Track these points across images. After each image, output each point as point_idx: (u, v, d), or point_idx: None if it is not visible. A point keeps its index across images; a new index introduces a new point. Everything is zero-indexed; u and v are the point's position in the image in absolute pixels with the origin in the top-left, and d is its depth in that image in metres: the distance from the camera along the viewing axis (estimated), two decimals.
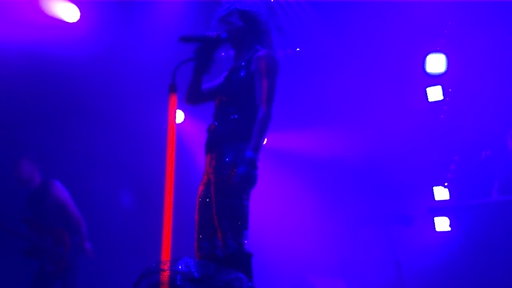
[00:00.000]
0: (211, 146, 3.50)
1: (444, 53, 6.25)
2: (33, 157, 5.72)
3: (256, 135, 3.35)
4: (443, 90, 6.26)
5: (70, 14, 6.41)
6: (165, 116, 3.23)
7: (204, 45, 3.51)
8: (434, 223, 6.03)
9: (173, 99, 3.26)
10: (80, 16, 6.39)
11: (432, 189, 6.10)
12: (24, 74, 6.19)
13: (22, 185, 5.66)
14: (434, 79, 6.24)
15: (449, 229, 5.98)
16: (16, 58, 6.03)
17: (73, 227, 5.58)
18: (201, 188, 3.53)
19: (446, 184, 6.10)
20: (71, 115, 6.65)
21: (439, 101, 6.22)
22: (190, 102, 3.71)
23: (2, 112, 6.24)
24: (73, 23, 6.39)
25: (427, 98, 6.23)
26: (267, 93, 3.44)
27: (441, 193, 6.10)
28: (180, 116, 6.71)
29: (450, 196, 6.07)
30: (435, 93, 6.25)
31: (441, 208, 6.05)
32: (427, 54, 6.25)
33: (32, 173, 5.64)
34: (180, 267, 2.96)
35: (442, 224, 6.01)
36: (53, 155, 6.33)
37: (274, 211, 6.14)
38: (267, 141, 3.46)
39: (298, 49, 6.49)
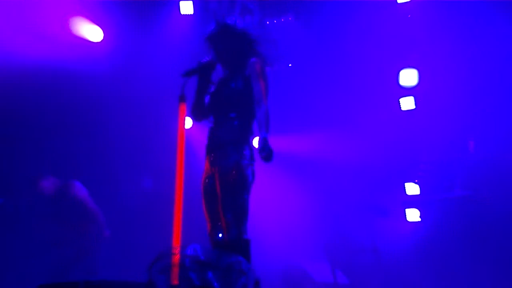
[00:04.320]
0: (213, 147, 3.49)
1: (416, 68, 6.26)
2: (50, 176, 5.73)
3: (264, 122, 3.32)
4: (415, 100, 6.25)
5: (95, 34, 6.47)
6: (176, 122, 3.31)
7: (201, 72, 3.54)
8: (406, 214, 6.05)
9: (183, 107, 3.35)
10: (103, 36, 6.47)
11: (404, 185, 6.14)
12: (54, 84, 6.20)
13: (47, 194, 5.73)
14: (407, 91, 6.26)
15: (419, 219, 6.02)
16: (48, 71, 6.04)
17: (92, 219, 5.65)
18: (204, 183, 3.52)
19: (416, 181, 6.14)
20: (96, 121, 6.64)
21: (411, 110, 6.23)
22: (197, 120, 3.70)
23: (34, 119, 6.24)
24: (97, 42, 6.46)
25: (400, 107, 6.27)
26: (265, 91, 3.44)
27: (412, 189, 6.15)
28: (188, 122, 6.73)
29: (420, 191, 6.10)
30: (407, 103, 6.26)
31: (412, 202, 6.09)
32: (400, 69, 6.28)
33: (53, 186, 5.70)
34: (188, 251, 2.97)
35: (413, 215, 6.05)
36: (80, 155, 6.36)
37: (269, 205, 6.06)
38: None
39: (290, 64, 6.41)
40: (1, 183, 6.10)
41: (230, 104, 3.51)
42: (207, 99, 3.62)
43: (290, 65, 6.38)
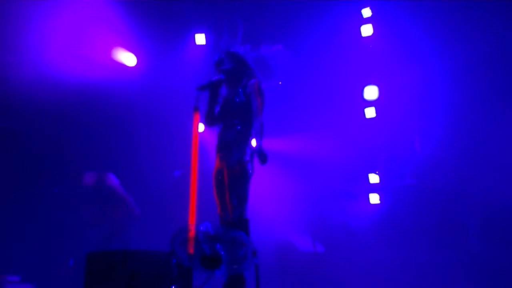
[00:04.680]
0: (221, 147, 3.52)
1: (376, 85, 6.28)
2: (92, 170, 5.81)
3: (259, 131, 3.36)
4: (375, 110, 6.25)
5: (130, 60, 6.47)
6: (191, 127, 3.34)
7: (212, 87, 3.55)
8: (369, 198, 6.06)
9: (197, 115, 3.37)
10: (136, 61, 6.50)
11: (368, 176, 6.14)
12: (98, 98, 6.17)
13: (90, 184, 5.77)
14: (370, 103, 6.27)
15: (379, 202, 6.03)
16: (94, 87, 6.03)
17: (123, 202, 5.71)
18: (215, 175, 3.53)
19: (377, 172, 6.13)
20: (129, 127, 6.62)
21: (373, 117, 6.25)
22: (208, 125, 3.71)
23: (82, 126, 6.22)
24: (131, 66, 6.48)
25: (365, 116, 6.28)
26: (261, 106, 3.45)
27: (373, 178, 6.13)
28: (201, 127, 6.69)
29: (379, 180, 6.10)
30: (370, 112, 6.26)
31: (374, 188, 6.09)
32: (365, 86, 6.29)
33: (94, 178, 5.76)
34: (201, 228, 3.01)
35: (374, 198, 6.05)
36: (116, 154, 6.34)
37: (264, 193, 5.80)
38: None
39: (280, 82, 6.41)
40: (56, 176, 6.10)
41: (234, 114, 3.52)
42: (216, 109, 3.62)
43: (280, 82, 6.38)
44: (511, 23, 5.21)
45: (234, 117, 3.50)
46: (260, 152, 3.27)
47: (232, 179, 3.40)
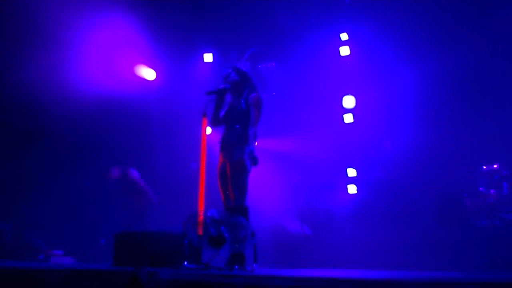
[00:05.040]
0: (224, 147, 3.48)
1: (353, 95, 6.26)
2: (116, 167, 5.78)
3: (252, 139, 3.33)
4: (353, 116, 6.22)
5: (150, 75, 6.48)
6: (200, 130, 3.34)
7: (218, 94, 3.53)
8: (347, 188, 6.04)
9: (205, 120, 3.38)
10: (155, 76, 6.50)
11: (346, 170, 6.11)
12: (123, 106, 6.20)
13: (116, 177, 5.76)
14: (348, 110, 6.24)
15: (356, 192, 6.00)
16: (121, 97, 6.04)
17: (143, 192, 5.68)
18: (218, 170, 3.49)
19: (354, 167, 6.09)
20: (149, 130, 6.64)
21: (350, 122, 6.22)
22: (213, 126, 3.65)
23: (109, 130, 6.26)
24: (151, 80, 6.50)
25: (344, 121, 6.26)
26: (257, 117, 3.43)
27: (351, 172, 6.09)
28: (208, 130, 6.67)
29: (356, 174, 6.06)
30: (348, 118, 6.23)
31: (351, 180, 6.05)
32: (343, 96, 6.26)
33: (119, 172, 5.73)
34: (209, 213, 3.05)
35: (352, 189, 6.01)
36: (137, 152, 6.38)
37: (261, 185, 5.80)
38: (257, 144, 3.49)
39: (274, 93, 6.36)
40: (88, 172, 6.11)
41: (236, 120, 3.48)
42: (221, 113, 3.59)
43: (274, 93, 6.36)
44: (467, 40, 5.25)
45: (236, 123, 3.45)
46: (251, 156, 3.24)
47: (234, 173, 3.36)
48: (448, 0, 5.32)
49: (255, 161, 3.24)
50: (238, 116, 3.45)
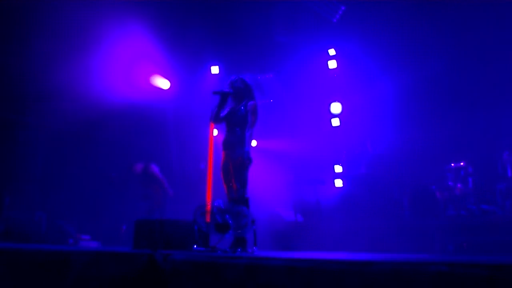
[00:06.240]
0: (227, 146, 3.43)
1: (340, 102, 6.29)
2: (139, 162, 5.73)
3: (248, 141, 3.30)
4: (339, 120, 6.24)
5: (165, 84, 6.46)
6: (208, 132, 3.33)
7: (222, 95, 3.47)
8: (334, 183, 6.06)
9: (212, 124, 3.40)
10: (170, 85, 6.49)
11: (334, 166, 6.14)
12: (141, 112, 6.19)
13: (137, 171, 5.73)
14: (335, 115, 6.26)
15: (342, 185, 6.01)
16: (138, 105, 6.03)
17: (162, 185, 5.63)
18: (222, 167, 3.44)
19: (340, 164, 6.12)
20: (164, 132, 6.62)
21: (337, 126, 6.24)
22: (213, 122, 3.57)
23: (129, 133, 6.24)
24: (166, 89, 6.48)
25: (331, 124, 6.28)
26: (253, 123, 3.38)
27: (338, 168, 6.13)
28: (215, 132, 6.70)
29: (342, 170, 6.09)
30: (335, 122, 6.26)
31: (338, 176, 6.08)
32: (331, 103, 6.29)
33: (140, 166, 5.69)
34: (215, 203, 3.03)
35: (338, 183, 6.05)
36: (154, 151, 6.34)
37: (260, 179, 5.80)
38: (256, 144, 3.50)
39: (271, 100, 6.34)
40: (114, 165, 6.11)
41: (236, 123, 3.43)
42: (222, 113, 3.53)
43: (271, 100, 6.35)
44: (436, 53, 5.27)
45: (236, 126, 3.42)
46: (247, 156, 3.24)
47: (235, 169, 3.33)
48: (420, 18, 5.35)
49: (249, 161, 3.24)
50: (238, 120, 3.42)
